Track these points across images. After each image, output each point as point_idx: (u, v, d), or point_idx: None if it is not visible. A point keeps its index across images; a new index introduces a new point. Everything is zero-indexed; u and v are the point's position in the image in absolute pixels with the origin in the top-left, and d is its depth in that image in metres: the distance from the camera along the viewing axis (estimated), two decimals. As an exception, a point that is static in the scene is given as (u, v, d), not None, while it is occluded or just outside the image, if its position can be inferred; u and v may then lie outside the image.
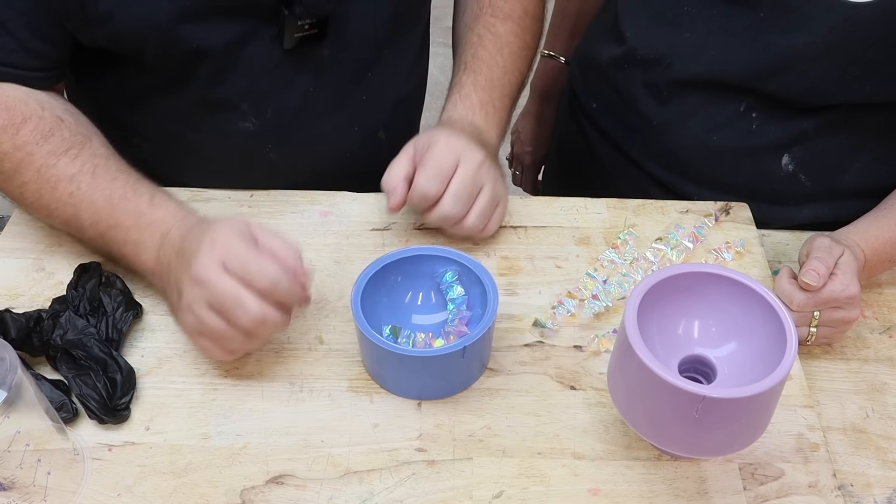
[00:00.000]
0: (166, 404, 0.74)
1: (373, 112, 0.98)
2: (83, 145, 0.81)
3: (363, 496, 0.68)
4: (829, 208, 0.96)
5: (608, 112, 1.05)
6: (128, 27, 0.81)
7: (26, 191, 0.80)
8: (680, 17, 0.92)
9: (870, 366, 0.80)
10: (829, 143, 0.92)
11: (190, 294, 0.70)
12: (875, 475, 0.72)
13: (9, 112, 0.80)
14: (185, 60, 0.85)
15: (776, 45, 0.86)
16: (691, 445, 0.64)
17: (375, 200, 0.93)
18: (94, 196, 0.79)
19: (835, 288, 0.76)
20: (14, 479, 0.63)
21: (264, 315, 0.68)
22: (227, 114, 0.91)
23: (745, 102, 0.92)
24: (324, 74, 0.92)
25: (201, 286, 0.69)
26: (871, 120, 0.90)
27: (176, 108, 0.91)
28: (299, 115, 0.93)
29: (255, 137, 0.93)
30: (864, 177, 0.94)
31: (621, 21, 0.99)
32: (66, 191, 0.79)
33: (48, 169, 0.79)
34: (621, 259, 0.86)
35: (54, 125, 0.80)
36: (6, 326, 0.74)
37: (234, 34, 0.85)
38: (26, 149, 0.79)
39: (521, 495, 0.68)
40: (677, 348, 0.69)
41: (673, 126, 0.97)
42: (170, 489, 0.68)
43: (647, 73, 0.97)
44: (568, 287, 0.83)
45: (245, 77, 0.88)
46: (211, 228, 0.71)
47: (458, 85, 0.94)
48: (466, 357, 0.71)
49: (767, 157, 0.94)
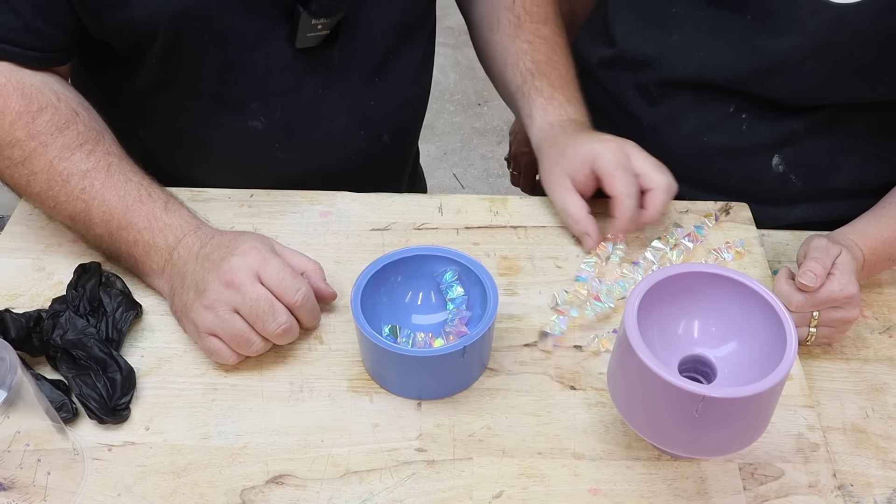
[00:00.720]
0: (166, 404, 0.74)
1: (379, 115, 0.98)
2: (97, 142, 0.81)
3: (363, 496, 0.68)
4: (819, 208, 0.96)
5: (599, 113, 1.05)
6: (141, 15, 0.80)
7: (34, 181, 0.80)
8: (669, 20, 0.93)
9: (870, 366, 0.80)
10: (819, 143, 0.92)
11: (216, 294, 0.72)
12: (875, 475, 0.72)
13: (26, 99, 0.79)
14: (195, 56, 0.85)
15: (764, 47, 0.86)
16: (691, 445, 0.64)
17: (375, 200, 0.93)
18: (108, 195, 0.79)
19: (833, 288, 0.76)
20: (14, 479, 0.63)
21: (291, 326, 0.73)
22: (236, 112, 0.91)
23: (734, 103, 0.92)
24: (333, 76, 0.92)
25: (233, 289, 0.72)
26: (860, 120, 0.90)
27: (185, 105, 0.91)
28: (307, 116, 0.93)
29: (262, 136, 0.93)
30: (854, 177, 0.94)
31: (611, 23, 1.00)
32: (78, 186, 0.79)
33: (61, 162, 0.79)
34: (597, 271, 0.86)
35: (70, 118, 0.80)
36: (6, 326, 0.74)
37: (248, 31, 0.85)
38: (40, 138, 0.79)
39: (521, 495, 0.68)
40: (677, 348, 0.69)
41: (663, 127, 0.98)
42: (170, 489, 0.68)
43: (637, 74, 0.98)
44: (565, 287, 0.83)
45: (256, 76, 0.89)
46: (242, 238, 0.76)
47: (535, 90, 0.95)
48: (466, 357, 0.71)
49: (758, 158, 0.94)
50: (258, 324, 0.72)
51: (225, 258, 0.73)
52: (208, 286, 0.73)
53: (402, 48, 0.96)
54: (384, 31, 0.93)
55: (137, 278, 0.82)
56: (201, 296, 0.73)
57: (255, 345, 0.73)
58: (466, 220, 0.91)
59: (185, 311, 0.75)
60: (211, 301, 0.72)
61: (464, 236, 0.89)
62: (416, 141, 1.15)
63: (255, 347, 0.73)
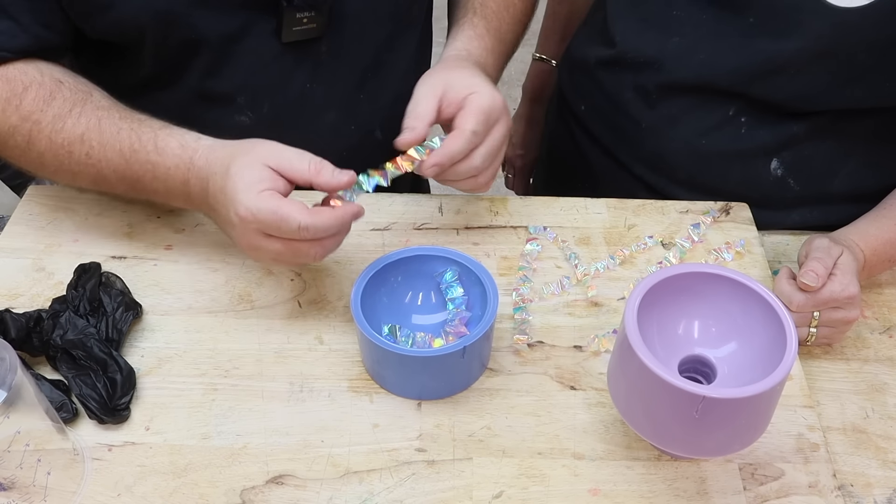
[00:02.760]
0: (166, 404, 0.74)
1: (370, 110, 0.98)
2: (85, 101, 0.80)
3: (363, 496, 0.68)
4: (818, 212, 0.96)
5: (596, 114, 1.05)
6: (127, 15, 0.81)
7: (45, 160, 0.80)
8: (670, 21, 0.93)
9: (870, 366, 0.80)
10: (817, 147, 0.92)
11: (243, 242, 0.73)
12: (875, 475, 0.72)
13: (9, 83, 0.80)
14: (184, 51, 0.85)
15: (766, 49, 0.86)
16: (691, 445, 0.64)
17: (375, 200, 0.93)
18: (108, 153, 0.78)
19: (834, 288, 0.76)
20: (14, 479, 0.63)
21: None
22: (224, 107, 0.91)
23: (734, 107, 0.92)
24: (321, 71, 0.92)
25: (253, 250, 0.73)
26: (859, 125, 0.90)
27: (172, 101, 0.91)
28: (296, 111, 0.93)
29: (251, 132, 0.93)
30: (852, 182, 0.94)
31: (611, 24, 0.99)
32: (81, 152, 0.79)
33: (58, 133, 0.79)
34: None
35: (54, 88, 0.80)
36: (6, 326, 0.74)
37: (234, 25, 0.85)
38: (32, 118, 0.79)
39: (521, 495, 0.68)
40: (677, 348, 0.69)
41: (662, 129, 0.97)
42: (170, 489, 0.68)
43: (637, 76, 0.97)
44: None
45: (242, 70, 0.88)
46: (231, 195, 0.72)
47: (470, 24, 0.92)
48: (466, 357, 0.71)
49: (756, 162, 0.94)
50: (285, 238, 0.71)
51: (225, 227, 0.75)
52: (232, 234, 0.74)
53: (393, 41, 0.95)
54: (373, 24, 0.92)
55: (138, 278, 0.82)
56: (233, 228, 0.73)
57: (301, 250, 0.72)
58: (466, 220, 0.91)
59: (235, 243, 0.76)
60: (244, 245, 0.73)
61: (464, 236, 0.89)
62: None
63: (305, 252, 0.72)
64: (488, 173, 0.82)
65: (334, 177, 0.73)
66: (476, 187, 0.82)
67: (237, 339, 0.79)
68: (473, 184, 0.82)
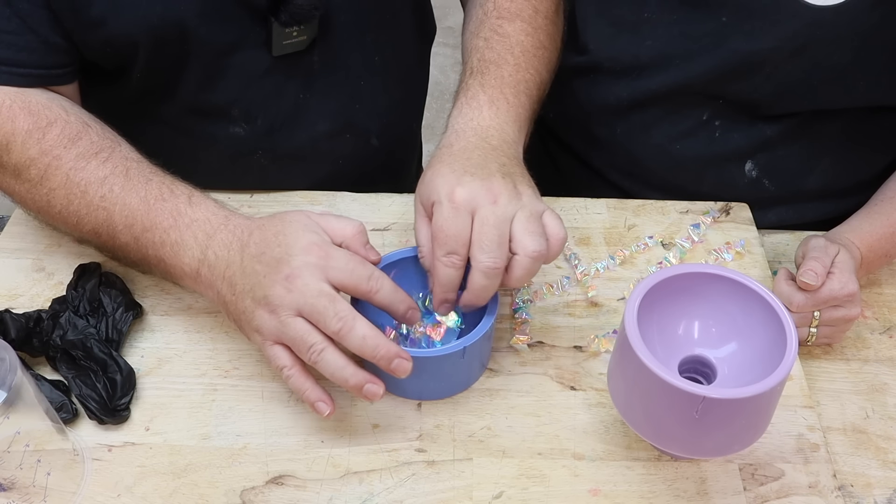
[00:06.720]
0: (166, 404, 0.74)
1: (366, 118, 0.97)
2: (112, 149, 0.78)
3: (363, 496, 0.68)
4: (793, 211, 0.96)
5: (566, 121, 1.03)
6: (119, 33, 0.80)
7: (54, 198, 0.77)
8: (641, 24, 0.92)
9: (870, 366, 0.80)
10: (791, 148, 0.92)
11: (279, 299, 0.66)
12: (875, 475, 0.72)
13: (33, 116, 0.77)
14: (176, 66, 0.85)
15: (740, 49, 0.86)
16: (691, 446, 0.64)
17: (375, 200, 0.93)
18: (129, 198, 0.75)
19: (833, 286, 0.76)
20: (14, 480, 0.63)
21: (354, 319, 0.66)
22: (218, 119, 0.91)
23: (708, 111, 0.92)
24: (314, 82, 0.92)
25: (297, 292, 0.66)
26: (831, 126, 0.90)
27: (167, 114, 0.91)
28: (290, 123, 0.93)
29: (245, 144, 0.93)
30: (826, 179, 0.94)
31: (582, 30, 0.98)
32: (97, 194, 0.75)
33: (77, 172, 0.76)
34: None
35: (81, 129, 0.78)
36: (6, 327, 0.74)
37: (225, 40, 0.85)
38: (53, 153, 0.76)
39: (521, 496, 0.68)
40: (677, 348, 0.69)
41: (635, 136, 0.97)
42: (170, 489, 0.68)
43: (609, 82, 0.96)
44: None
45: (235, 84, 0.88)
46: (290, 229, 0.68)
47: (463, 89, 0.83)
48: (466, 357, 0.71)
49: (731, 165, 0.94)
50: (320, 322, 0.65)
51: (283, 259, 0.67)
52: (269, 291, 0.66)
53: (384, 49, 0.95)
54: (363, 34, 0.92)
55: (139, 278, 0.82)
56: (262, 302, 0.67)
57: (315, 346, 0.65)
58: (466, 221, 0.91)
59: (247, 319, 0.68)
60: (274, 306, 0.66)
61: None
62: (414, 142, 1.14)
63: (318, 349, 0.65)
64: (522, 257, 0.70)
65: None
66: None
67: (237, 339, 0.78)
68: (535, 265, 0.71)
